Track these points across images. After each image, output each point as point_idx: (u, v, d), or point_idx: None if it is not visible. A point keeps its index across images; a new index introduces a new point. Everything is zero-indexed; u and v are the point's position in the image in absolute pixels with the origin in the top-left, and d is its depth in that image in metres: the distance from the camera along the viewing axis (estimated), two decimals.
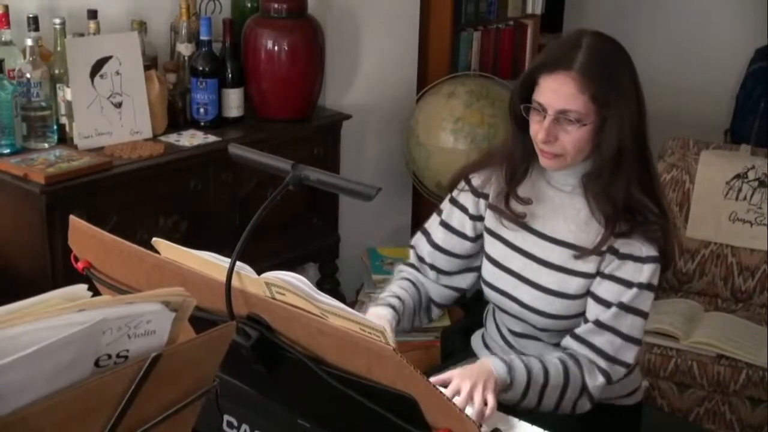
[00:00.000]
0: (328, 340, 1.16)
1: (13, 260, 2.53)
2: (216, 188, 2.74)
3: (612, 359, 1.78)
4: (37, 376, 0.67)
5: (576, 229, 1.84)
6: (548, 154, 1.79)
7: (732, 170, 3.18)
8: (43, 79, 2.55)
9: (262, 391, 1.31)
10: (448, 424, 1.14)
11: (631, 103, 1.76)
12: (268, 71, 2.94)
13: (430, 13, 3.64)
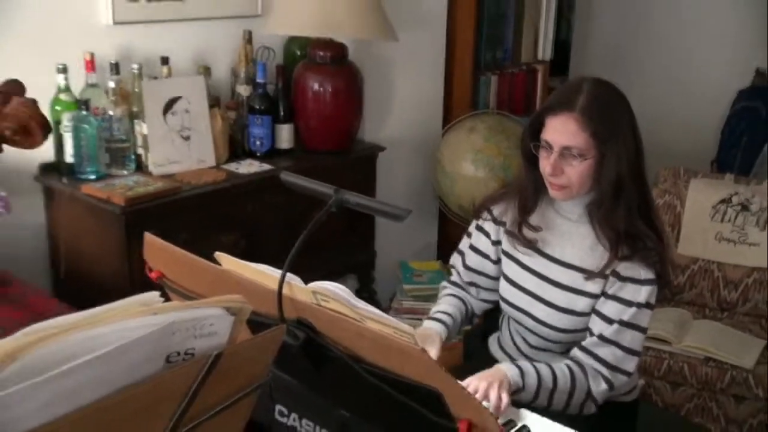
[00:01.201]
0: (365, 341, 1.16)
1: (97, 270, 2.55)
2: (269, 210, 2.75)
3: (614, 368, 1.77)
4: (116, 370, 0.67)
5: (582, 254, 1.84)
6: (556, 185, 1.79)
7: (718, 196, 3.16)
8: (123, 116, 2.59)
9: (308, 384, 1.31)
10: (469, 415, 1.13)
11: (628, 141, 1.76)
12: (314, 109, 2.95)
13: (454, 59, 3.65)
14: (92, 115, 2.50)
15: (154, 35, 2.83)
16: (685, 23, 4.59)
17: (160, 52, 2.78)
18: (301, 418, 1.34)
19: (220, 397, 0.78)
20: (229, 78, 3.04)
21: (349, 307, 1.20)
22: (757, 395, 2.72)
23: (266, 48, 3.06)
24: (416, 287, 3.30)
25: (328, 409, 1.30)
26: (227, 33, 3.03)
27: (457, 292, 2.06)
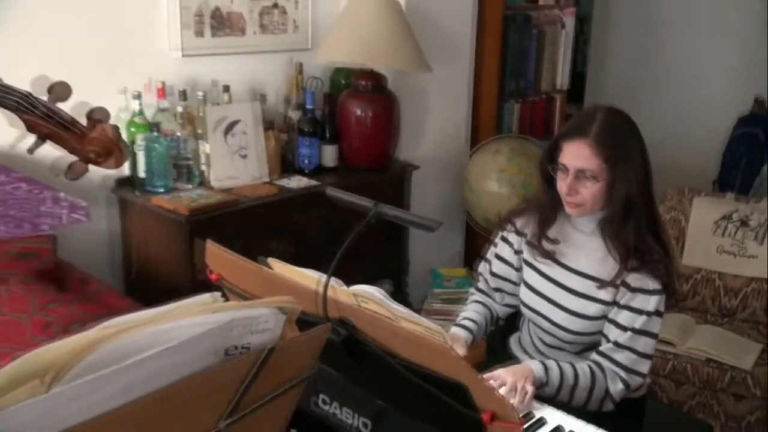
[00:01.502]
0: (399, 339, 1.16)
1: (164, 272, 2.57)
2: (315, 220, 2.75)
3: (630, 371, 1.76)
4: (182, 360, 0.68)
5: (595, 264, 1.82)
6: (571, 204, 1.78)
7: (719, 213, 3.12)
8: (189, 137, 2.62)
9: (348, 376, 1.31)
10: (492, 406, 1.13)
11: (638, 165, 1.74)
12: (356, 132, 2.96)
13: (480, 88, 3.64)
14: (162, 136, 2.54)
15: (217, 66, 2.86)
16: (690, 56, 4.56)
17: (222, 81, 2.81)
18: (341, 406, 1.35)
19: (271, 387, 0.78)
20: (282, 104, 3.06)
21: (386, 308, 1.21)
22: (754, 394, 2.67)
23: (314, 78, 3.08)
24: (445, 291, 3.29)
25: (366, 398, 1.30)
26: (281, 64, 3.06)
27: (482, 298, 2.06)
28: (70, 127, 0.91)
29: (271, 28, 3.01)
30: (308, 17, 3.12)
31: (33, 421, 0.58)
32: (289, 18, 3.06)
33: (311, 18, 3.13)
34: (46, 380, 0.60)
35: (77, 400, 0.60)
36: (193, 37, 2.76)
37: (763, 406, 2.68)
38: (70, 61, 2.49)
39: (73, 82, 2.40)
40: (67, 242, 2.45)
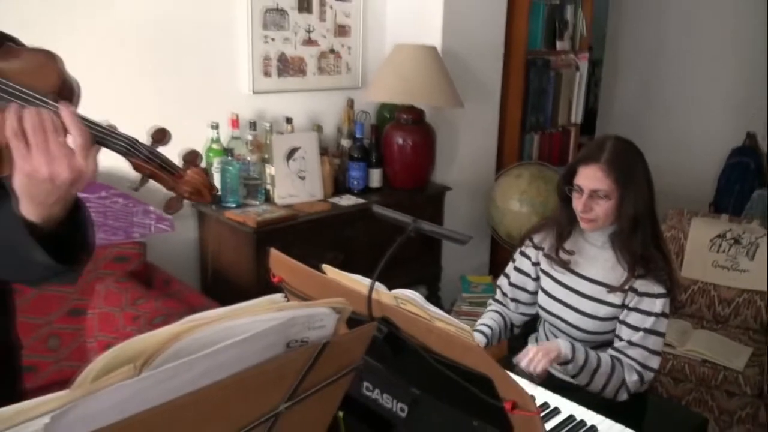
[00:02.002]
0: (434, 336, 1.15)
1: (234, 274, 2.60)
2: (362, 233, 2.76)
3: (643, 366, 1.74)
4: (250, 351, 0.68)
5: (605, 272, 1.81)
6: (586, 219, 1.78)
7: (714, 232, 3.05)
8: (257, 161, 2.65)
9: (389, 367, 1.31)
10: (513, 397, 1.11)
11: (643, 186, 1.74)
12: (398, 158, 2.96)
13: (505, 121, 3.63)
14: (235, 160, 2.57)
15: (282, 101, 2.90)
16: (689, 96, 4.50)
17: (286, 114, 2.85)
18: (382, 393, 1.34)
19: (325, 375, 0.78)
20: (336, 134, 3.09)
21: (422, 310, 1.20)
22: (745, 392, 2.60)
23: (363, 112, 3.10)
24: (472, 296, 3.27)
25: (404, 387, 1.30)
26: (335, 100, 3.08)
27: (499, 308, 2.04)
28: (169, 168, 0.94)
29: (328, 70, 3.04)
30: (359, 61, 3.15)
31: (125, 399, 0.59)
32: (343, 62, 3.09)
33: (361, 62, 3.16)
34: (137, 365, 0.60)
35: (163, 382, 0.61)
36: (262, 77, 2.80)
37: (752, 403, 2.61)
38: (164, 100, 2.55)
39: (164, 115, 2.45)
40: (154, 248, 2.50)
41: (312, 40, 2.95)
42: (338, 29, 3.04)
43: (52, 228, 0.92)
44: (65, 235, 0.94)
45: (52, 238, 0.92)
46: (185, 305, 2.16)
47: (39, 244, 0.90)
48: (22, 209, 0.89)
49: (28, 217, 0.90)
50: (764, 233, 2.96)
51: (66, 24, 2.26)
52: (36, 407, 0.55)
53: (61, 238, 0.93)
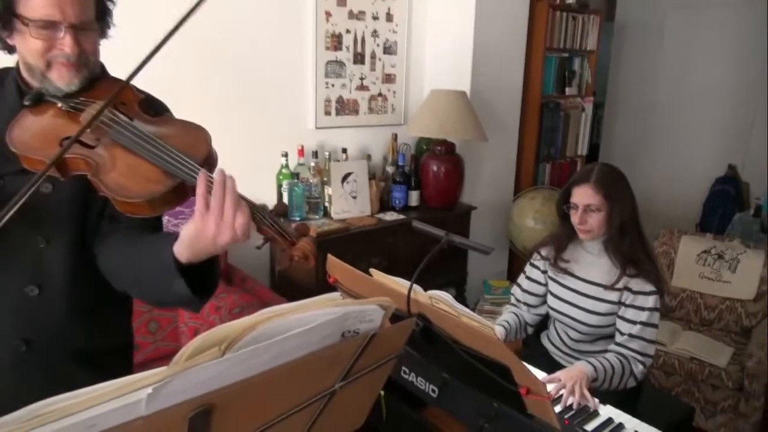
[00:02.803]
0: (461, 330, 1.14)
1: (297, 276, 2.61)
2: (402, 243, 2.75)
3: (643, 354, 1.70)
4: (312, 339, 0.68)
5: (602, 274, 1.79)
6: (582, 230, 1.77)
7: (701, 248, 2.94)
8: (318, 183, 2.67)
9: (423, 355, 1.30)
10: (528, 383, 1.09)
11: (626, 200, 1.75)
12: (433, 182, 2.95)
13: (523, 153, 3.59)
14: (300, 182, 2.59)
15: (339, 134, 2.92)
16: (680, 132, 4.40)
17: (342, 145, 2.87)
18: (417, 376, 1.33)
19: (372, 361, 0.77)
20: (382, 162, 3.09)
21: (452, 308, 1.19)
22: (727, 386, 2.49)
23: (405, 144, 3.11)
24: (493, 297, 3.22)
25: (435, 371, 1.28)
26: (382, 135, 3.10)
27: (515, 310, 2.00)
28: (285, 235, 0.95)
29: (377, 110, 3.06)
30: (402, 103, 3.15)
31: (212, 377, 0.59)
32: (389, 103, 3.10)
33: (404, 103, 3.16)
34: (222, 348, 0.60)
35: (242, 363, 0.61)
36: (324, 115, 2.83)
37: (733, 395, 2.49)
38: (246, 133, 2.60)
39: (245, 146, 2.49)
40: (234, 252, 2.53)
41: (364, 86, 2.97)
42: (385, 77, 3.05)
43: (191, 267, 0.92)
44: (198, 272, 0.94)
45: (189, 275, 0.92)
46: (257, 299, 2.19)
47: (182, 279, 0.91)
48: (177, 251, 0.90)
49: (180, 258, 0.90)
50: (744, 250, 2.85)
51: (162, 64, 2.33)
52: (141, 380, 0.56)
53: (195, 275, 0.94)
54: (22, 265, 1.02)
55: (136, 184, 0.91)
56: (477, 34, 3.03)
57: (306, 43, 2.72)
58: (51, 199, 1.01)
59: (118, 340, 1.17)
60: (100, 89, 1.01)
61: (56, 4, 0.92)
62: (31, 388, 1.02)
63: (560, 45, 3.59)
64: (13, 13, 0.94)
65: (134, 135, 0.94)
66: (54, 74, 0.97)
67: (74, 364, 1.07)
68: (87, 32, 0.97)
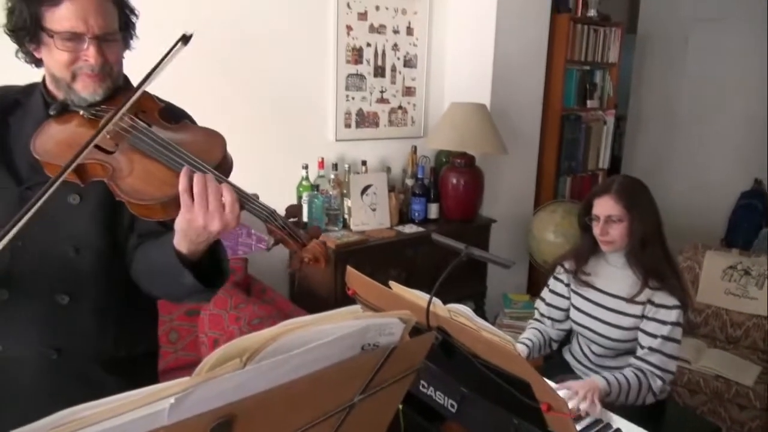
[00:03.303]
0: (481, 344, 1.13)
1: (316, 286, 2.62)
2: (421, 256, 2.74)
3: (663, 370, 1.67)
4: (332, 352, 0.68)
5: (625, 287, 1.77)
6: (604, 242, 1.76)
7: (726, 263, 2.88)
8: (338, 195, 2.68)
9: (442, 369, 1.29)
10: (548, 399, 1.08)
11: (648, 211, 1.73)
12: (452, 195, 2.94)
13: (543, 166, 3.57)
14: (320, 194, 2.61)
15: (359, 147, 2.94)
16: (704, 145, 4.33)
17: (361, 158, 2.88)
18: (435, 390, 1.32)
19: (392, 374, 0.77)
20: (401, 174, 3.10)
21: (471, 321, 1.18)
22: (755, 406, 2.42)
23: (424, 156, 3.11)
24: (513, 311, 3.19)
25: (454, 386, 1.27)
26: (402, 147, 3.10)
27: (538, 326, 1.97)
28: (295, 237, 0.98)
29: (396, 123, 3.07)
30: (422, 116, 3.17)
31: (233, 388, 0.60)
32: (409, 116, 3.12)
33: (424, 116, 3.17)
34: (243, 359, 0.61)
35: (263, 374, 0.61)
36: (344, 128, 2.85)
37: (762, 416, 2.43)
38: (268, 145, 2.63)
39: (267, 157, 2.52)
40: (254, 263, 2.54)
41: (384, 99, 2.99)
42: (405, 90, 3.07)
43: (198, 259, 0.98)
44: (207, 265, 1.00)
45: (197, 267, 0.98)
46: (276, 310, 2.19)
47: (188, 271, 0.96)
48: (176, 243, 0.96)
49: (180, 249, 0.96)
50: None
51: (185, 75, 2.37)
52: (164, 390, 0.56)
53: (204, 268, 0.99)
54: (52, 274, 1.04)
55: (150, 187, 0.94)
56: (497, 47, 3.03)
57: (327, 57, 2.75)
58: (79, 209, 1.04)
59: (145, 346, 1.19)
60: (122, 98, 1.04)
61: (80, 16, 0.95)
62: (61, 395, 1.04)
63: (581, 57, 3.57)
64: (39, 27, 0.97)
65: (151, 140, 0.98)
66: (79, 85, 1.01)
67: (102, 371, 1.10)
68: (110, 43, 1.01)
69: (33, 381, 1.05)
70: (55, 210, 1.02)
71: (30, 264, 1.03)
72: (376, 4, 2.85)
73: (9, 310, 1.03)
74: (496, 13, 2.98)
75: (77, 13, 0.95)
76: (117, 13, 1.02)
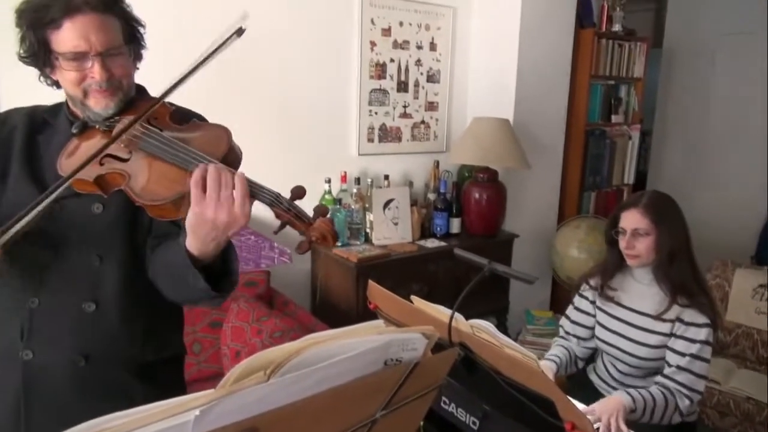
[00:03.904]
0: (503, 360, 1.12)
1: (337, 300, 2.63)
2: (443, 270, 2.73)
3: (690, 389, 1.63)
4: (355, 366, 0.68)
5: (652, 305, 1.73)
6: (630, 256, 1.73)
7: (756, 282, 2.81)
8: (360, 209, 2.69)
9: (464, 385, 1.28)
10: (573, 419, 1.06)
11: (677, 226, 1.70)
12: (475, 210, 2.93)
13: (566, 181, 3.54)
14: (342, 208, 2.62)
15: (381, 161, 2.95)
16: (732, 158, 4.25)
17: (384, 172, 2.89)
18: (457, 407, 1.30)
19: (414, 390, 0.76)
20: (424, 188, 3.10)
21: (494, 337, 1.17)
22: None
23: (447, 171, 3.11)
24: (535, 327, 3.15)
25: (476, 402, 1.25)
26: (424, 162, 3.11)
27: (564, 343, 1.95)
28: (302, 218, 0.99)
29: (419, 138, 3.08)
30: (444, 130, 3.17)
31: (257, 400, 0.60)
32: (431, 131, 3.12)
33: (446, 131, 3.18)
34: (267, 373, 0.61)
35: (286, 388, 0.62)
36: (366, 143, 2.87)
37: None
38: (292, 159, 2.65)
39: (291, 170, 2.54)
40: (276, 276, 2.56)
41: (407, 114, 3.01)
42: (428, 105, 3.08)
43: (208, 262, 0.99)
44: (218, 269, 1.02)
45: (209, 270, 0.99)
46: (298, 323, 2.20)
47: (197, 272, 0.98)
48: (187, 243, 0.97)
49: (191, 249, 0.97)
50: None
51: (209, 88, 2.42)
52: (190, 402, 0.57)
53: (215, 271, 1.01)
54: (79, 283, 1.08)
55: (162, 188, 0.97)
56: (521, 63, 3.03)
57: (351, 73, 2.78)
58: (102, 219, 1.08)
59: (170, 351, 1.21)
60: (136, 108, 1.07)
61: (81, 35, 0.98)
62: (90, 402, 1.06)
63: (606, 72, 3.55)
64: (48, 50, 1.01)
65: (159, 142, 1.01)
66: (91, 101, 1.04)
67: (129, 376, 1.12)
68: (115, 57, 1.03)
69: (61, 387, 1.08)
70: (80, 220, 1.06)
71: (57, 272, 1.07)
72: (399, 20, 2.88)
73: (39, 318, 1.06)
74: (519, 28, 2.98)
75: (78, 33, 0.98)
76: (120, 27, 1.05)
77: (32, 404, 1.07)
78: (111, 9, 1.02)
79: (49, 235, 1.05)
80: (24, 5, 1.00)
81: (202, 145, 1.00)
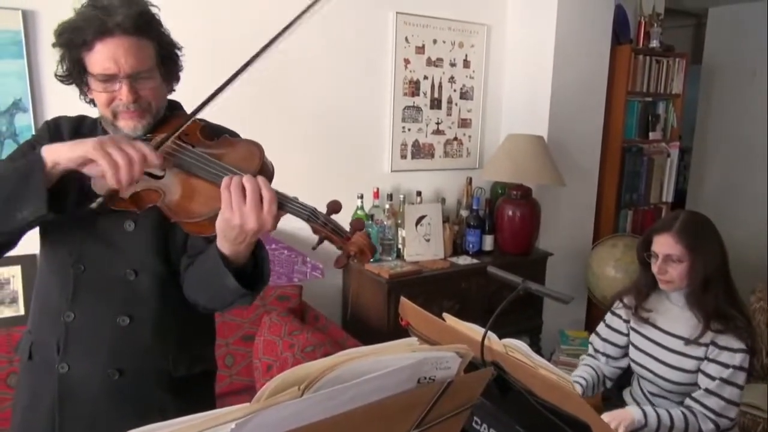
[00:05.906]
0: (537, 381, 1.10)
1: (368, 316, 2.62)
2: (476, 288, 2.71)
3: (719, 414, 1.57)
4: (388, 384, 0.68)
5: (687, 328, 1.69)
6: (662, 281, 1.69)
7: None
8: (392, 225, 2.69)
9: (497, 405, 1.25)
10: None
11: (713, 252, 1.63)
12: (508, 227, 2.90)
13: (602, 198, 3.47)
14: (375, 224, 2.63)
15: (414, 178, 2.95)
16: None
17: (416, 188, 2.89)
18: (489, 427, 1.28)
19: (447, 409, 0.76)
20: (456, 205, 3.09)
21: (527, 357, 1.15)
22: None
23: (480, 188, 3.09)
24: (569, 347, 3.08)
25: (508, 423, 1.23)
26: (457, 178, 3.10)
27: (592, 362, 1.91)
28: (339, 232, 1.00)
29: (452, 154, 3.08)
30: (477, 147, 3.16)
31: (291, 415, 0.60)
32: (464, 147, 3.12)
33: (479, 147, 3.17)
34: (301, 388, 0.61)
35: (320, 403, 0.62)
36: (399, 159, 2.88)
37: None
38: (327, 175, 2.68)
39: (325, 186, 2.57)
40: (308, 291, 2.58)
41: (440, 130, 3.01)
42: (461, 122, 3.08)
43: (240, 262, 1.02)
44: (249, 268, 1.04)
45: (241, 273, 1.02)
46: (329, 338, 2.20)
47: (228, 272, 1.00)
48: (219, 245, 1.00)
49: (223, 251, 1.00)
50: None
51: (244, 105, 2.47)
52: (225, 415, 0.58)
53: (246, 271, 1.03)
54: (114, 297, 1.10)
55: (198, 205, 1.00)
56: (555, 79, 3.01)
57: (384, 90, 2.81)
58: (134, 236, 1.10)
59: (203, 366, 1.22)
60: (168, 125, 1.10)
61: (111, 57, 1.01)
62: (123, 415, 1.08)
63: (643, 89, 3.49)
64: (84, 71, 1.04)
65: (191, 159, 1.03)
66: (121, 122, 1.06)
67: (162, 390, 1.14)
68: (145, 80, 1.05)
69: (95, 400, 1.10)
70: (114, 236, 1.09)
71: (92, 287, 1.09)
72: (433, 38, 2.89)
73: (74, 332, 1.09)
74: (554, 45, 2.97)
75: (108, 55, 1.00)
76: (154, 49, 1.06)
77: (66, 416, 1.10)
78: (144, 32, 1.04)
79: (84, 252, 1.08)
80: (61, 27, 1.04)
81: (235, 161, 1.02)
